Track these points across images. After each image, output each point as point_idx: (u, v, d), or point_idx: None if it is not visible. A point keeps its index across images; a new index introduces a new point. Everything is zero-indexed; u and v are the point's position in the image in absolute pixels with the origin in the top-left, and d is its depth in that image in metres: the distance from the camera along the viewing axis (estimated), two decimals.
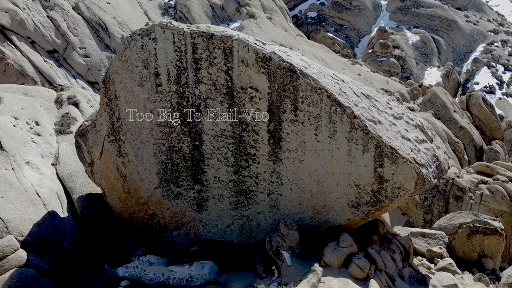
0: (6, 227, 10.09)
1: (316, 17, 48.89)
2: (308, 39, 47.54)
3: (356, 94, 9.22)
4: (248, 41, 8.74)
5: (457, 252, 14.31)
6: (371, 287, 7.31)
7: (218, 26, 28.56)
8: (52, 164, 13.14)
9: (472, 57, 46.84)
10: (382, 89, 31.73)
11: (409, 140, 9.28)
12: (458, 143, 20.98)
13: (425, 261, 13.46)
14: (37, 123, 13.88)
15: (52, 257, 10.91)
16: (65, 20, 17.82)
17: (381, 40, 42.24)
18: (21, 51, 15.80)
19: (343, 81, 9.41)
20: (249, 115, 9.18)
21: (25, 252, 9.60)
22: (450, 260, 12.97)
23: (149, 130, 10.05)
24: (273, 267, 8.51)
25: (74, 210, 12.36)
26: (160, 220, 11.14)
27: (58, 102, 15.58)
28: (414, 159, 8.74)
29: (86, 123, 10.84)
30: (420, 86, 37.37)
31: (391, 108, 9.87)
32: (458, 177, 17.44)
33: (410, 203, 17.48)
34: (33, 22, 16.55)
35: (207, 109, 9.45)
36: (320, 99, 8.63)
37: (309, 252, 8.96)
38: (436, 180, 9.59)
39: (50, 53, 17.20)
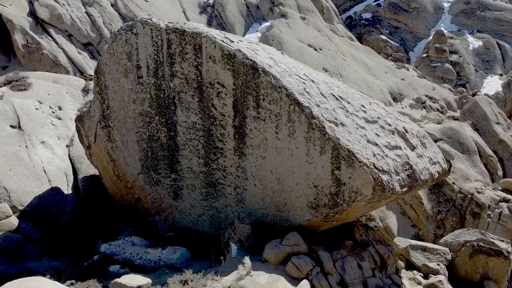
0: (9, 196, 11.42)
1: (370, 19, 47.33)
2: (360, 41, 46.30)
3: (323, 94, 9.13)
4: (215, 38, 9.06)
5: (459, 271, 13.42)
6: (299, 287, 7.29)
7: (252, 24, 29.03)
8: (66, 146, 14.48)
9: None
10: (426, 95, 30.12)
11: (376, 145, 8.99)
12: (492, 157, 19.37)
13: (418, 275, 12.85)
14: (60, 108, 15.34)
15: (49, 228, 12.10)
16: (101, 16, 19.42)
17: (437, 45, 39.84)
18: (57, 43, 17.57)
19: (312, 81, 9.36)
20: (216, 110, 9.50)
21: (17, 219, 10.80)
22: (441, 278, 12.23)
23: (133, 119, 10.77)
24: (221, 258, 8.77)
25: (78, 188, 13.55)
26: (144, 204, 11.86)
27: (85, 91, 17.02)
28: (373, 164, 8.48)
29: (84, 109, 11.86)
30: (473, 95, 34.82)
31: (365, 112, 9.61)
32: (478, 192, 16.21)
33: (421, 215, 16.58)
34: (70, 17, 18.30)
35: (180, 102, 9.93)
36: (280, 98, 8.70)
37: (263, 248, 9.06)
38: (405, 188, 9.18)
39: (85, 45, 18.89)
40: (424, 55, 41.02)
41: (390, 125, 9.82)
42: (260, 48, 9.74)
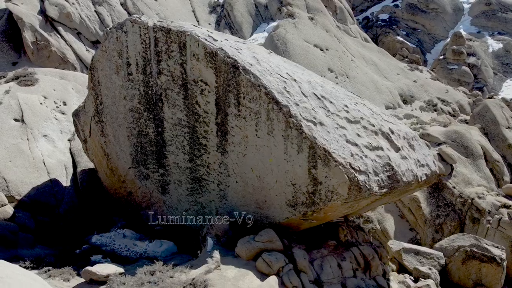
0: (7, 186, 11.93)
1: (387, 20, 46.69)
2: (376, 42, 45.77)
3: (303, 94, 9.20)
4: (198, 36, 9.25)
5: (452, 276, 13.26)
6: (266, 282, 7.39)
7: (260, 24, 29.11)
8: (68, 140, 14.97)
9: None
10: (438, 98, 29.56)
11: (356, 145, 8.99)
12: (498, 161, 18.89)
13: (409, 279, 12.77)
14: (64, 103, 15.86)
15: (45, 218, 12.57)
16: (110, 14, 19.98)
17: (454, 46, 38.97)
18: (65, 40, 18.19)
19: (294, 80, 9.43)
20: (200, 107, 9.70)
21: (12, 208, 11.27)
22: (429, 282, 12.12)
23: (124, 114, 11.09)
24: (198, 251, 8.96)
25: (77, 181, 14.00)
26: (135, 198, 12.17)
27: None
28: (350, 164, 8.49)
29: (80, 104, 12.26)
30: (490, 98, 33.97)
31: (347, 112, 9.62)
32: (479, 198, 15.87)
33: (419, 218, 16.34)
34: (79, 15, 18.91)
35: (167, 99, 10.17)
36: (259, 96, 8.82)
37: None
38: (385, 189, 9.15)
39: (93, 43, 19.48)
40: (441, 57, 40.20)
41: (374, 126, 9.78)
42: (244, 47, 9.88)
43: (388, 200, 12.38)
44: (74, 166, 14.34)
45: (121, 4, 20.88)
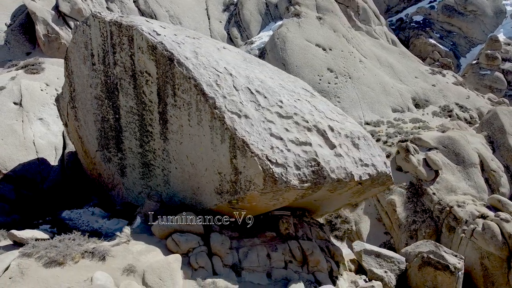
0: None
1: (421, 22, 45.01)
2: (408, 44, 44.40)
3: (235, 87, 9.65)
4: (143, 30, 10.01)
5: (411, 282, 13.11)
6: (166, 258, 7.98)
7: (269, 23, 29.41)
8: (63, 124, 16.39)
9: None
10: (457, 104, 28.37)
11: (280, 139, 9.32)
12: (494, 171, 18.00)
13: (362, 280, 12.82)
14: None
15: (29, 193, 13.97)
16: (121, 11, 21.37)
17: (489, 51, 36.91)
18: None
19: (230, 74, 9.91)
20: (146, 96, 10.47)
21: None
22: (375, 284, 12.09)
23: (90, 101, 12.13)
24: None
25: (64, 162, 15.34)
26: (104, 179, 13.22)
27: None
28: (266, 156, 8.86)
29: (61, 90, 13.50)
30: None
31: (281, 107, 9.93)
32: (458, 206, 15.36)
33: (394, 223, 16.08)
34: (91, 11, 20.45)
35: (121, 88, 11.04)
36: (189, 88, 9.42)
37: None
38: (307, 184, 9.38)
39: None
40: (474, 61, 38.23)
41: (308, 122, 10.02)
42: (190, 42, 10.49)
43: (351, 199, 12.43)
44: (65, 148, 15.71)
45: (134, 2, 22.25)
